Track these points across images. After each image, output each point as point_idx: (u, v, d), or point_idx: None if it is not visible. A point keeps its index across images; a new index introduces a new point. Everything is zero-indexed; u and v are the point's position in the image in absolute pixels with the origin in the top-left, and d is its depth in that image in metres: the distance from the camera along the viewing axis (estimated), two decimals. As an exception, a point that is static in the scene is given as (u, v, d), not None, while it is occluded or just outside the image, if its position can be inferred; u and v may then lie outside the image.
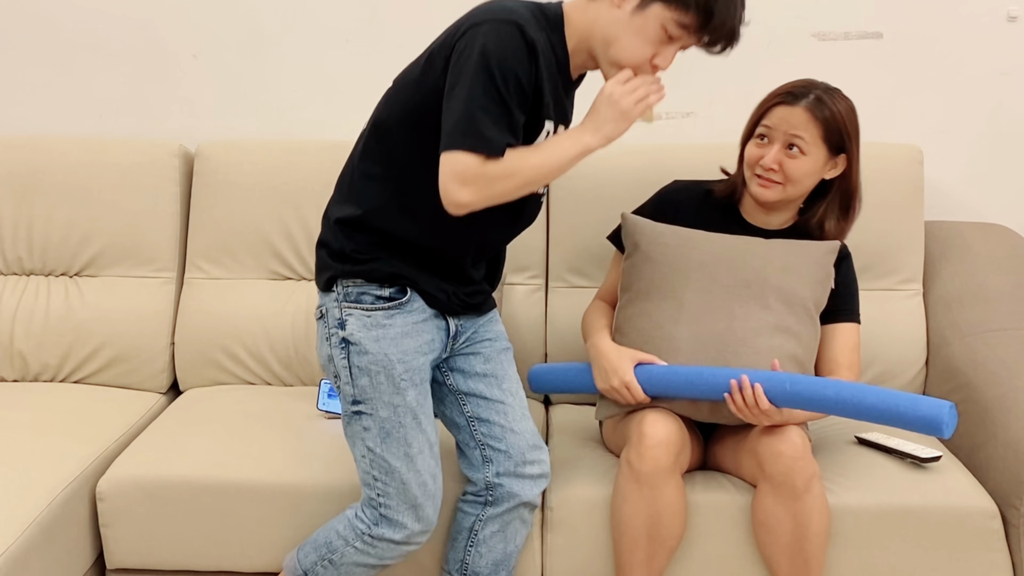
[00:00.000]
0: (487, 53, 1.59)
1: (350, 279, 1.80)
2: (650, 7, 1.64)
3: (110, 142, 2.55)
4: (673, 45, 1.68)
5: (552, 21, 1.71)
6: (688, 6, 1.63)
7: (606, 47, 1.69)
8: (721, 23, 1.65)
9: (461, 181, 1.61)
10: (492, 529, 1.92)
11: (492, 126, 1.60)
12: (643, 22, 1.65)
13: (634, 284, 2.06)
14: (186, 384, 2.50)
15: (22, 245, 2.52)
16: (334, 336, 1.81)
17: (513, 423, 1.92)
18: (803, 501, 1.88)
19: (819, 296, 2.03)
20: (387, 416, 1.79)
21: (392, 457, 1.79)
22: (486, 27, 1.62)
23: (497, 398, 1.92)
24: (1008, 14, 2.60)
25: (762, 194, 2.03)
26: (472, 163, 1.60)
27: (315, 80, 2.69)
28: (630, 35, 1.66)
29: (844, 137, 1.99)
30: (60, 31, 2.69)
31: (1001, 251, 2.50)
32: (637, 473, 1.89)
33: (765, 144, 2.02)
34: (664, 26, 1.65)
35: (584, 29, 1.71)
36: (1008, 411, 2.04)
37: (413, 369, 1.80)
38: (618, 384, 1.96)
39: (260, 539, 2.01)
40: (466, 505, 1.93)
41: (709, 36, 1.67)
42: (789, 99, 2.00)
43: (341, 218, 1.81)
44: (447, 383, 1.93)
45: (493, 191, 1.64)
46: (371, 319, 1.79)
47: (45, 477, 1.98)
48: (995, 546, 1.97)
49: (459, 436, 1.94)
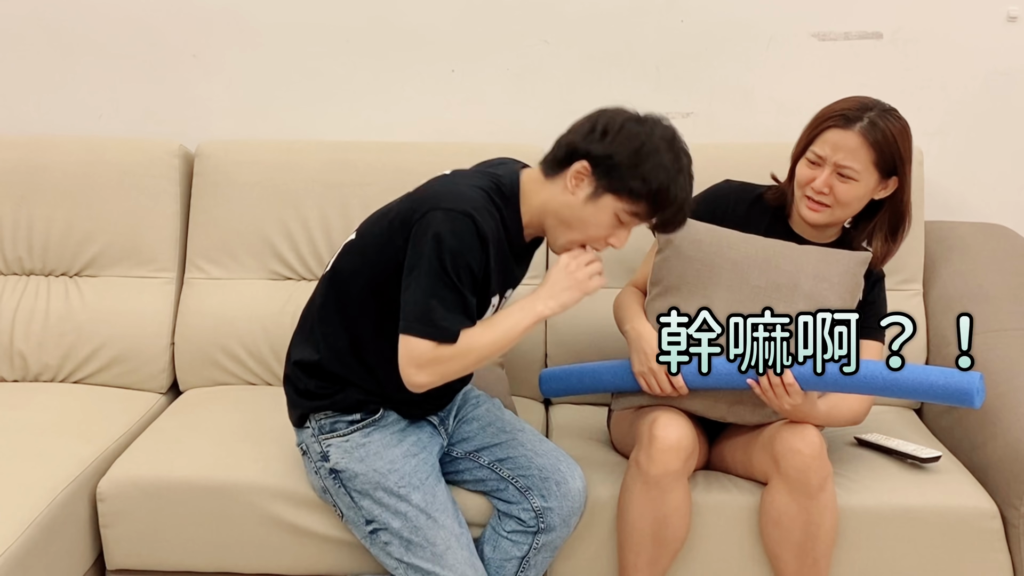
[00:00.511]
0: (441, 244, 1.67)
1: (320, 412, 1.89)
2: (602, 198, 1.70)
3: (110, 142, 2.55)
4: (624, 228, 1.75)
5: (508, 196, 1.77)
6: (638, 197, 1.69)
7: (561, 227, 1.75)
8: (672, 206, 1.71)
9: (417, 365, 1.69)
10: (544, 555, 1.93)
11: (446, 313, 1.68)
12: (595, 210, 1.71)
13: (664, 278, 2.04)
14: (186, 384, 2.49)
15: (22, 245, 2.52)
16: (322, 469, 1.89)
17: (534, 447, 1.95)
18: (817, 500, 1.88)
19: (848, 305, 1.99)
20: (401, 525, 1.82)
21: (422, 562, 1.81)
22: (440, 215, 1.68)
23: (507, 435, 1.97)
24: (1008, 14, 2.59)
25: (811, 216, 2.00)
26: (427, 349, 1.68)
27: (315, 80, 2.69)
28: (583, 221, 1.73)
29: (896, 161, 1.96)
30: (60, 31, 2.69)
31: (1001, 251, 2.50)
32: (646, 475, 1.89)
33: (816, 166, 1.98)
34: (616, 214, 1.71)
35: (539, 206, 1.77)
36: (1008, 411, 2.04)
37: (408, 473, 1.84)
38: (657, 368, 1.91)
39: (260, 540, 2.01)
40: (515, 535, 1.92)
41: (660, 218, 1.73)
42: (842, 122, 1.95)
43: (300, 360, 1.90)
44: (456, 455, 1.97)
45: (448, 370, 1.71)
46: (350, 443, 1.87)
47: (45, 477, 1.98)
48: (995, 546, 1.97)
49: (489, 487, 1.95)
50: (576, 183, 1.71)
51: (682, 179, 1.70)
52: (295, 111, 2.70)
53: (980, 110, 2.65)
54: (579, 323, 2.39)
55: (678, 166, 1.70)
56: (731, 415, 1.97)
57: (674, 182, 1.69)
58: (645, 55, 2.65)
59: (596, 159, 1.69)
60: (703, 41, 2.63)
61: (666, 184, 1.68)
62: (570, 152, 1.72)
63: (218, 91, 2.71)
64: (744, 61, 2.63)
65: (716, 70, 2.64)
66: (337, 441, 1.87)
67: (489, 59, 2.64)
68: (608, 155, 1.68)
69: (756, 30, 2.63)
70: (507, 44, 2.64)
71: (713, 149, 2.30)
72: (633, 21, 2.63)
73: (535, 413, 2.39)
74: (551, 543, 1.92)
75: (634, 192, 1.68)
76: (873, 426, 2.23)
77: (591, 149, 1.69)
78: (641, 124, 1.70)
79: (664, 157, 1.68)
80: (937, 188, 2.61)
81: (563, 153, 1.73)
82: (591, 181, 1.70)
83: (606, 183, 1.69)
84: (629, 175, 1.67)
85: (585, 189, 1.71)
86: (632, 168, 1.67)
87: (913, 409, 2.42)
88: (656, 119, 1.73)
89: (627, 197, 1.69)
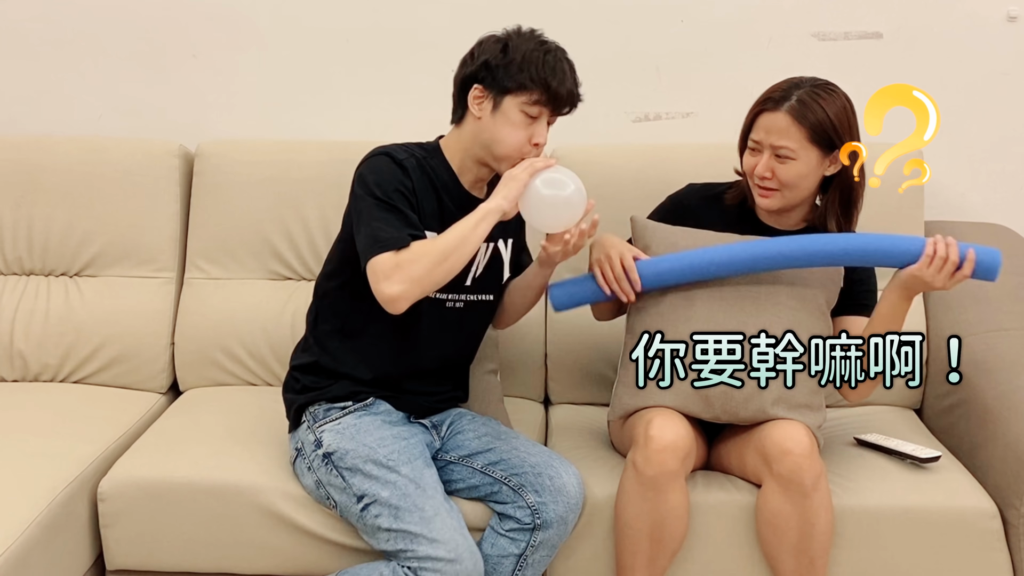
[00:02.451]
0: (365, 179, 1.87)
1: (315, 404, 1.98)
2: (502, 101, 1.87)
3: (110, 142, 2.55)
4: (539, 122, 1.89)
5: (429, 149, 1.97)
6: (529, 83, 1.85)
7: (489, 150, 1.90)
8: (558, 78, 1.86)
9: (383, 277, 1.78)
10: (542, 554, 1.93)
11: (388, 227, 1.81)
12: (504, 117, 1.87)
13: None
14: (186, 384, 2.50)
15: (22, 245, 2.52)
16: (315, 459, 1.94)
17: (527, 448, 1.98)
18: (811, 499, 1.88)
19: (831, 293, 2.04)
20: (390, 494, 1.84)
21: (410, 525, 1.81)
22: (362, 166, 1.91)
23: (500, 441, 1.99)
24: (1008, 14, 2.60)
25: (763, 203, 2.03)
26: (385, 260, 1.78)
27: (315, 80, 2.69)
28: (501, 130, 1.88)
29: (832, 134, 1.97)
30: (60, 31, 2.69)
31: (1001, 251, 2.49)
32: (642, 476, 1.89)
33: (756, 153, 2.01)
34: (522, 111, 1.87)
35: (463, 149, 1.95)
36: (1008, 411, 2.04)
37: (398, 450, 1.89)
38: (615, 255, 1.98)
39: (260, 541, 2.01)
40: (513, 533, 1.92)
41: (554, 104, 1.88)
42: (771, 104, 1.99)
43: (297, 365, 2.05)
44: (450, 460, 2.00)
45: (414, 272, 1.77)
46: (342, 424, 1.94)
47: (45, 477, 1.98)
48: (995, 546, 1.97)
49: (483, 492, 1.96)
50: (478, 105, 1.89)
51: (552, 57, 1.87)
52: (295, 111, 2.70)
53: (980, 110, 2.65)
54: (580, 323, 2.39)
55: (545, 47, 1.88)
56: (724, 415, 1.97)
57: (549, 57, 1.87)
58: (645, 55, 2.65)
59: (480, 76, 1.88)
60: (703, 41, 2.64)
61: (542, 61, 1.85)
62: (460, 90, 1.92)
63: (218, 91, 2.71)
64: (744, 61, 2.63)
65: (716, 70, 2.64)
66: (330, 425, 1.94)
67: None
68: (485, 65, 1.87)
69: (756, 30, 2.63)
70: (507, 44, 2.64)
71: (713, 149, 2.30)
72: (633, 21, 2.63)
73: (534, 413, 2.39)
74: (548, 541, 1.92)
75: (522, 83, 1.85)
76: (873, 426, 2.23)
77: (470, 72, 1.89)
78: (499, 34, 1.91)
79: (529, 44, 1.87)
80: (937, 188, 2.61)
81: (457, 96, 1.93)
82: (486, 95, 1.88)
83: (497, 88, 1.86)
84: (510, 71, 1.85)
85: (487, 105, 1.88)
86: (508, 64, 1.86)
87: (913, 409, 2.42)
88: (513, 29, 1.91)
89: (520, 90, 1.85)
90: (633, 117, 2.69)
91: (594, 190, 2.44)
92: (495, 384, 2.29)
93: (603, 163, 2.47)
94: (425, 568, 1.78)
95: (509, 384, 2.42)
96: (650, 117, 2.70)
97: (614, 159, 2.49)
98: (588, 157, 2.46)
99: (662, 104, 2.69)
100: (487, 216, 1.81)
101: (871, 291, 2.10)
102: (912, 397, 2.41)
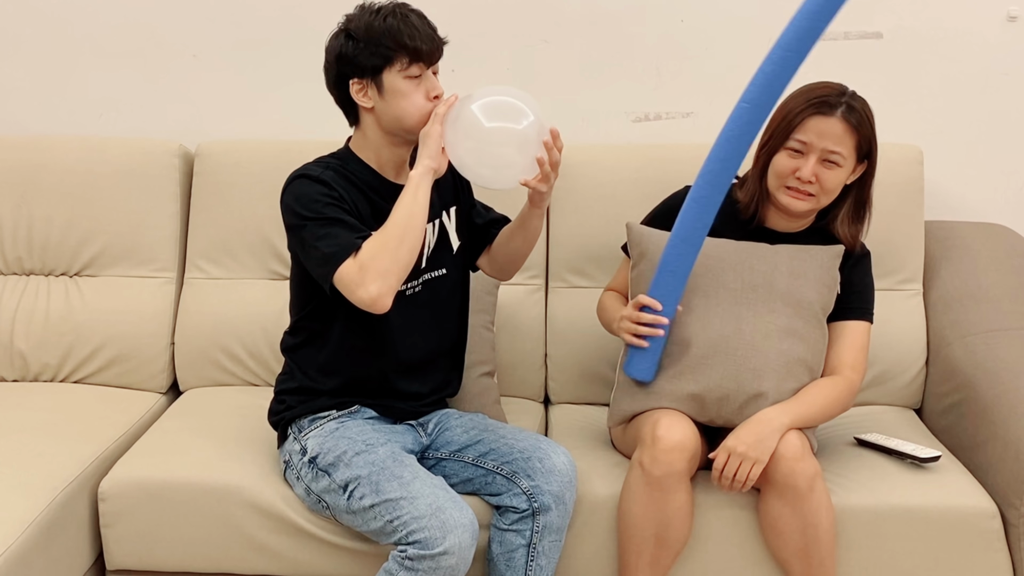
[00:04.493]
0: (293, 207, 1.85)
1: (300, 417, 1.98)
2: (382, 78, 1.83)
3: (110, 142, 2.55)
4: (424, 78, 1.85)
5: (342, 156, 1.94)
6: (391, 56, 1.82)
7: (399, 127, 1.87)
8: (419, 45, 1.82)
9: (355, 285, 1.76)
10: (550, 540, 1.92)
11: (335, 240, 1.79)
12: (394, 95, 1.84)
13: (643, 291, 2.04)
14: (186, 384, 2.50)
15: (22, 245, 2.52)
16: (302, 467, 1.95)
17: (514, 435, 1.98)
18: (808, 501, 1.88)
19: (826, 300, 2.03)
20: (369, 472, 1.85)
21: (391, 492, 1.81)
22: (285, 196, 1.89)
23: (487, 431, 2.00)
24: (1008, 14, 2.60)
25: (794, 205, 2.00)
26: (348, 268, 1.77)
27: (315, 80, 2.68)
28: (398, 105, 1.84)
29: (871, 144, 1.99)
30: (60, 31, 2.69)
31: (1001, 251, 2.50)
32: (649, 476, 1.89)
33: (800, 156, 1.98)
34: (405, 79, 1.83)
35: (374, 142, 1.91)
36: (1008, 411, 2.04)
37: (379, 444, 1.90)
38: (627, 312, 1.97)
39: (260, 541, 2.01)
40: (516, 524, 1.92)
41: (425, 58, 1.83)
42: (825, 109, 1.96)
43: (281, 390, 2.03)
44: (441, 456, 2.01)
45: (383, 264, 1.76)
46: (325, 428, 1.96)
47: (45, 477, 1.98)
48: (995, 546, 1.97)
49: (477, 485, 1.97)
50: (364, 96, 1.86)
51: (393, 19, 1.81)
52: (295, 111, 2.69)
53: (980, 110, 2.65)
54: (580, 323, 2.39)
55: (382, 14, 1.83)
56: (719, 419, 1.98)
57: (391, 20, 1.82)
58: (645, 55, 2.65)
59: (347, 72, 1.85)
60: (703, 41, 2.64)
61: (386, 27, 1.81)
62: (340, 94, 1.89)
63: (218, 91, 2.71)
64: (744, 61, 2.63)
65: (716, 70, 2.64)
66: (315, 431, 1.96)
67: (489, 59, 2.64)
68: (342, 60, 1.84)
69: (756, 30, 2.63)
70: (507, 44, 2.64)
71: (713, 149, 2.29)
72: (633, 21, 2.63)
73: (535, 413, 2.39)
74: (551, 524, 1.91)
75: (385, 55, 1.81)
76: (873, 426, 2.23)
77: (337, 73, 1.87)
78: (337, 28, 1.88)
79: (365, 18, 1.83)
80: (937, 188, 2.61)
81: (339, 101, 1.91)
82: (365, 84, 1.85)
83: (371, 71, 1.83)
84: (368, 51, 1.82)
85: (372, 92, 1.85)
86: (361, 47, 1.82)
87: (913, 409, 2.42)
88: (346, 15, 1.88)
89: (388, 63, 1.82)
90: (633, 117, 2.69)
91: (594, 190, 2.47)
92: (491, 386, 2.29)
93: (603, 163, 2.47)
94: (412, 532, 1.75)
95: (509, 384, 2.42)
96: (650, 117, 2.70)
97: (614, 159, 2.49)
98: (588, 157, 2.46)
99: (662, 104, 2.69)
100: (421, 182, 1.80)
101: (868, 296, 2.10)
102: (912, 397, 2.41)
